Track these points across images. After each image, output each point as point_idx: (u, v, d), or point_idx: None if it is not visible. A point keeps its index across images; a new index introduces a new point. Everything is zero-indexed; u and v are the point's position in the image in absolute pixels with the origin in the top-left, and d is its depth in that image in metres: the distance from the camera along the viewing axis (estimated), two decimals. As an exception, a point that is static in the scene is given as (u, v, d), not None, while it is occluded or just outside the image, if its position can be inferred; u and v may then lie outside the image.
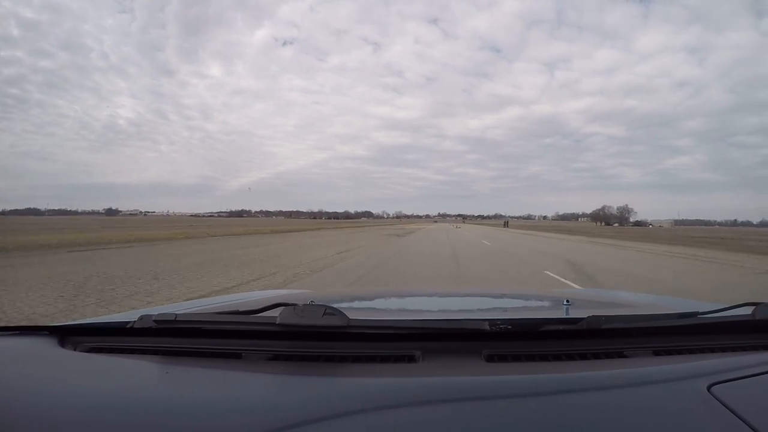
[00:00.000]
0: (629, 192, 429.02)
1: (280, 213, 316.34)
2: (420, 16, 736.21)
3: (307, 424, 0.72)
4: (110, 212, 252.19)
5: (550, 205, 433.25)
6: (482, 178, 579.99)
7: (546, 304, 2.03)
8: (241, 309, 1.20)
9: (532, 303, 2.09)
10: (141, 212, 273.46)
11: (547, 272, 10.74)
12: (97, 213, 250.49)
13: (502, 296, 2.29)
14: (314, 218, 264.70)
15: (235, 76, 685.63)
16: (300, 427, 0.71)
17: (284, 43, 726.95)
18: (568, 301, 1.50)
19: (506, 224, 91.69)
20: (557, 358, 1.01)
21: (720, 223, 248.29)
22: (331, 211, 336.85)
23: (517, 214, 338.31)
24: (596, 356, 1.02)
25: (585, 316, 1.04)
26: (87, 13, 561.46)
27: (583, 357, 1.02)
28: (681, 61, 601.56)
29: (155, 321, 1.08)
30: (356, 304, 1.96)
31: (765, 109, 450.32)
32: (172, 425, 0.74)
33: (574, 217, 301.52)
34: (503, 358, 1.00)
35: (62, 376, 0.97)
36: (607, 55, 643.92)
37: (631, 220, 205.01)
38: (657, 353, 1.05)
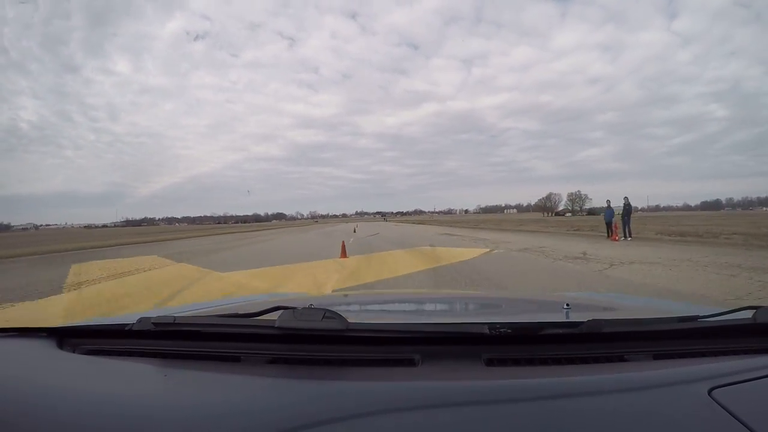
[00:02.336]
0: (545, 184, 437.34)
1: (186, 219, 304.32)
2: (338, 10, 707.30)
3: (307, 428, 0.71)
4: None
5: (469, 199, 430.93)
6: (400, 175, 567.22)
7: (546, 307, 1.98)
8: (240, 312, 1.20)
9: (532, 307, 2.04)
10: (34, 226, 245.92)
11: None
12: None
13: (502, 300, 2.28)
14: (219, 223, 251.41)
15: (144, 72, 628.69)
16: (299, 431, 0.71)
17: (196, 38, 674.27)
18: (568, 304, 1.49)
19: (385, 219, 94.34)
20: (557, 362, 1.01)
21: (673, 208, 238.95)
22: (241, 214, 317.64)
23: (437, 209, 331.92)
24: (596, 360, 1.02)
25: (585, 320, 1.03)
26: None
27: (584, 361, 1.01)
28: (595, 58, 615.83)
29: (154, 323, 1.08)
30: (355, 307, 1.93)
31: (673, 103, 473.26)
32: (171, 428, 0.73)
33: (498, 209, 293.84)
34: (503, 362, 1.00)
35: (61, 378, 0.97)
36: (524, 53, 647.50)
37: (586, 207, 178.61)
38: (657, 357, 1.05)
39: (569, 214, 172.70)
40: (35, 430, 0.75)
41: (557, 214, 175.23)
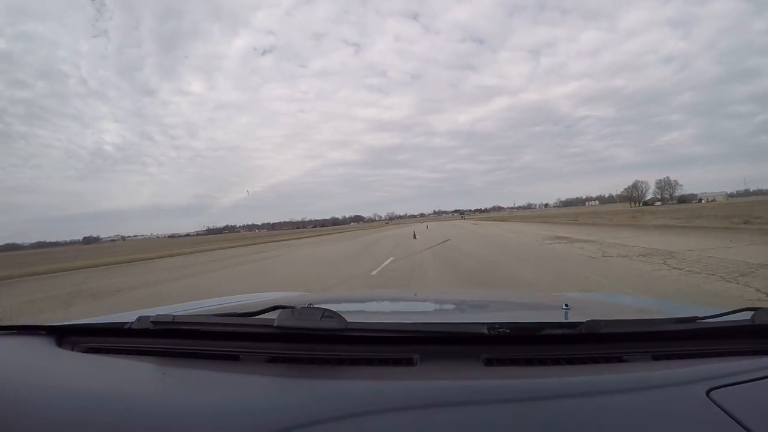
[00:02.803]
0: (624, 173, 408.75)
1: (265, 225, 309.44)
2: (399, 13, 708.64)
3: (305, 427, 0.72)
4: (88, 240, 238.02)
5: (548, 193, 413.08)
6: (476, 171, 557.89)
7: (545, 308, 1.99)
8: (239, 311, 1.20)
9: (531, 307, 2.04)
10: (121, 237, 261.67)
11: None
12: (77, 242, 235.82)
13: (501, 300, 2.31)
14: (297, 227, 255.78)
15: (217, 90, 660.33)
16: (297, 430, 0.71)
17: (263, 52, 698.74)
18: (566, 305, 1.49)
19: (463, 217, 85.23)
20: (556, 362, 1.01)
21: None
22: (320, 218, 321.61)
23: (515, 205, 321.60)
24: (595, 361, 1.02)
25: (584, 321, 1.04)
26: (60, 40, 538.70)
27: (582, 361, 1.01)
28: (666, 35, 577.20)
29: (153, 322, 1.09)
30: (354, 306, 1.94)
31: (755, 77, 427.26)
32: (168, 426, 0.74)
33: (579, 201, 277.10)
34: (502, 362, 1.00)
35: (60, 376, 0.98)
36: (592, 36, 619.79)
37: (676, 195, 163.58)
38: (656, 358, 1.05)
39: (658, 203, 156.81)
40: (34, 428, 0.75)
41: (645, 203, 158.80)
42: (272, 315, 1.04)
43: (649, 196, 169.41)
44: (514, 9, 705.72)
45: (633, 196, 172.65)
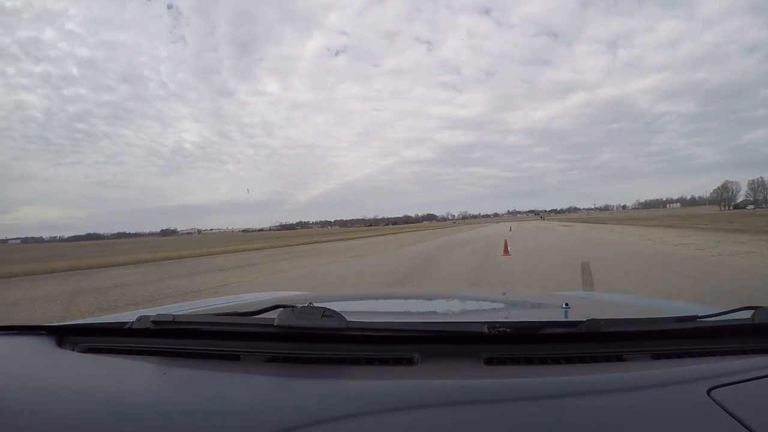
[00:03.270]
0: (705, 174, 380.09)
1: (338, 222, 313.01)
2: (470, 8, 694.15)
3: (305, 427, 0.71)
4: (165, 232, 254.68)
5: (626, 194, 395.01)
6: (551, 171, 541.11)
7: (545, 307, 1.97)
8: (239, 310, 1.20)
9: (531, 306, 2.05)
10: (197, 230, 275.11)
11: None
12: (155, 234, 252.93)
13: (501, 299, 2.28)
14: (370, 225, 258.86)
15: (293, 90, 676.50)
16: (298, 430, 0.71)
17: (337, 53, 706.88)
18: (567, 304, 1.48)
19: (542, 218, 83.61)
20: (556, 361, 1.01)
21: None
22: (392, 216, 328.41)
23: (591, 206, 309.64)
24: (595, 359, 1.02)
25: (584, 319, 1.03)
26: (141, 47, 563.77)
27: (582, 360, 1.01)
28: (748, 22, 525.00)
29: (153, 322, 1.08)
30: (355, 306, 1.94)
31: None
32: (169, 427, 0.74)
33: (660, 203, 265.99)
34: (502, 361, 1.00)
35: (60, 376, 0.97)
36: (670, 26, 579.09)
37: None
38: (656, 357, 1.05)
39: (751, 206, 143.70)
40: (35, 428, 0.75)
41: (736, 207, 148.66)
42: (273, 314, 1.04)
43: (740, 199, 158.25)
44: (588, 0, 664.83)
45: (723, 197, 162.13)
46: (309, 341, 1.03)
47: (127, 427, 0.74)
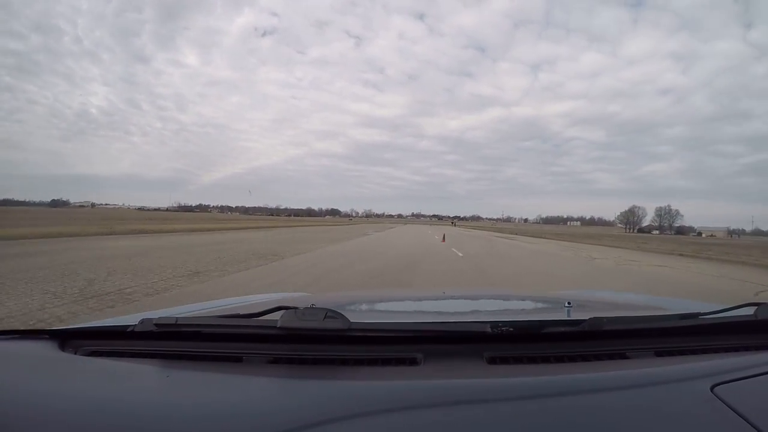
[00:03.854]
0: (604, 198, 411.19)
1: (239, 208, 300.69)
2: (406, 10, 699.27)
3: (309, 428, 0.72)
4: (56, 203, 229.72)
5: (527, 208, 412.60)
6: (459, 179, 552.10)
7: (547, 305, 2.00)
8: (242, 312, 1.21)
9: (534, 305, 2.07)
10: (91, 204, 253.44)
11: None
12: (43, 204, 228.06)
13: (504, 298, 2.33)
14: (272, 215, 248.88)
15: (212, 66, 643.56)
16: (302, 431, 0.71)
17: (264, 33, 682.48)
18: (569, 302, 1.49)
19: (453, 223, 74.54)
20: (559, 359, 1.01)
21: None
22: (295, 208, 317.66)
23: (494, 216, 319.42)
24: (598, 358, 1.02)
25: (587, 318, 1.04)
26: None
27: (585, 359, 1.02)
28: (667, 67, 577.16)
29: (156, 324, 1.08)
30: (357, 306, 1.94)
31: (745, 119, 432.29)
32: (173, 429, 0.74)
33: (560, 220, 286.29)
34: (505, 361, 1.00)
35: (63, 379, 0.98)
36: (593, 59, 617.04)
37: (675, 224, 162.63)
38: (659, 354, 1.05)
39: (656, 231, 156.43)
40: None
41: (641, 230, 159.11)
42: (275, 316, 1.04)
43: (645, 223, 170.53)
44: (521, 21, 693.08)
45: (630, 220, 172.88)
46: (312, 342, 1.03)
47: (131, 430, 0.74)
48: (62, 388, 0.91)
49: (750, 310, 1.13)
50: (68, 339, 1.19)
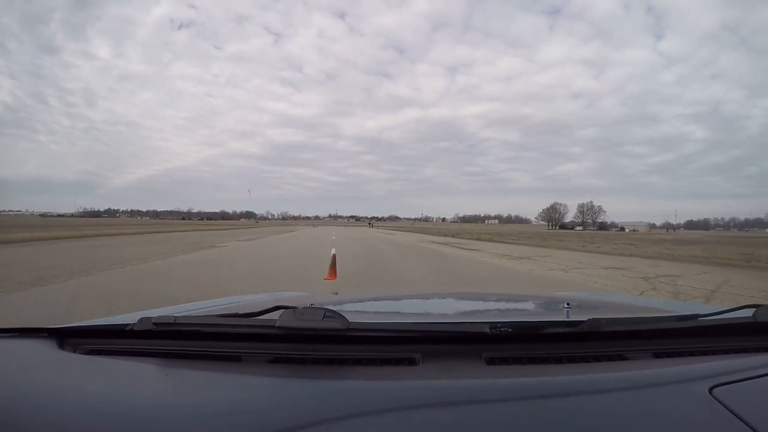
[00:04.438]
0: (519, 196, 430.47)
1: (150, 213, 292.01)
2: (327, 8, 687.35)
3: (308, 428, 0.71)
4: None
5: (444, 207, 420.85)
6: (376, 180, 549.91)
7: (546, 306, 2.01)
8: (240, 312, 1.21)
9: (533, 306, 2.07)
10: None
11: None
12: None
13: (503, 299, 2.34)
14: (183, 218, 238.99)
15: (125, 59, 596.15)
16: (300, 430, 0.71)
17: (180, 26, 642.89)
18: (568, 303, 1.50)
19: (371, 224, 73.16)
20: (558, 360, 1.01)
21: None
22: (207, 211, 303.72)
23: (411, 216, 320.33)
24: (597, 359, 1.03)
25: (585, 319, 1.04)
26: None
27: (584, 360, 1.02)
28: (579, 73, 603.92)
29: (155, 323, 1.09)
30: (356, 306, 1.94)
31: (653, 123, 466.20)
32: (171, 428, 0.74)
33: (477, 218, 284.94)
34: (504, 361, 1.00)
35: (61, 378, 0.97)
36: (509, 63, 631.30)
37: (598, 221, 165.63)
38: (658, 356, 1.05)
39: (579, 228, 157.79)
40: (37, 431, 0.75)
41: (562, 226, 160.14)
42: (274, 315, 1.04)
43: (567, 219, 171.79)
44: (441, 24, 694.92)
45: (552, 217, 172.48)
46: (311, 342, 1.03)
47: (129, 429, 0.74)
48: (61, 387, 0.91)
49: (749, 312, 1.14)
50: (67, 337, 1.19)
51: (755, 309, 1.12)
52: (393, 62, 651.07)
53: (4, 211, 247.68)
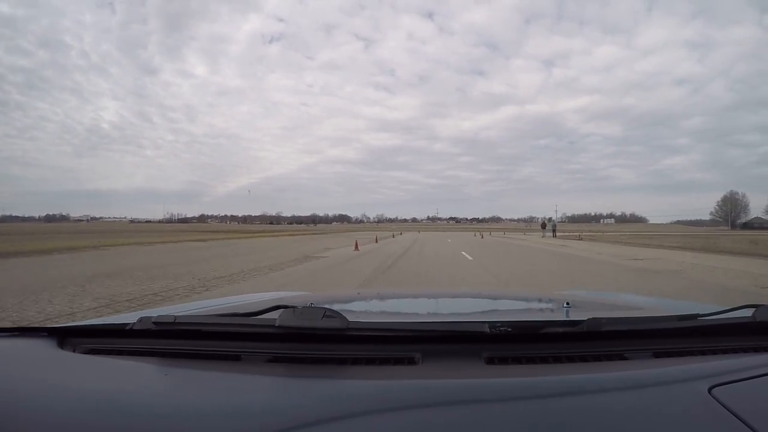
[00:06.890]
0: (623, 193, 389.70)
1: (239, 218, 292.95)
2: (415, 10, 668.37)
3: (307, 427, 0.72)
4: (50, 218, 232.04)
5: (544, 207, 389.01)
6: (474, 181, 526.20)
7: (546, 306, 2.01)
8: (240, 311, 1.21)
9: (532, 305, 2.08)
10: (88, 218, 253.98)
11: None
12: (35, 220, 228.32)
13: (502, 298, 2.35)
14: (270, 223, 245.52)
15: (221, 75, 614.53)
16: (299, 430, 0.71)
17: (271, 40, 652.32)
18: (568, 303, 1.50)
19: (543, 226, 52.13)
20: (557, 360, 1.01)
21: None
22: (298, 216, 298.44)
23: (513, 217, 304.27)
24: (597, 358, 1.02)
25: (585, 318, 1.04)
26: (65, 8, 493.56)
27: (584, 359, 1.02)
28: (682, 57, 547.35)
29: (154, 323, 1.08)
30: (356, 306, 1.95)
31: (764, 107, 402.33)
32: (171, 427, 0.74)
33: (589, 218, 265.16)
34: (503, 361, 1.00)
35: (61, 377, 0.98)
36: (607, 51, 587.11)
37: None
38: (657, 355, 1.05)
39: None
40: (36, 429, 0.75)
41: (746, 226, 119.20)
42: (274, 315, 1.04)
43: (745, 217, 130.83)
44: (533, 16, 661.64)
45: (729, 214, 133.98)
46: (310, 341, 1.03)
47: (129, 428, 0.74)
48: (61, 386, 0.91)
49: (748, 312, 1.14)
50: (67, 337, 1.19)
51: (755, 309, 1.13)
52: (486, 59, 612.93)
53: (102, 218, 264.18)
